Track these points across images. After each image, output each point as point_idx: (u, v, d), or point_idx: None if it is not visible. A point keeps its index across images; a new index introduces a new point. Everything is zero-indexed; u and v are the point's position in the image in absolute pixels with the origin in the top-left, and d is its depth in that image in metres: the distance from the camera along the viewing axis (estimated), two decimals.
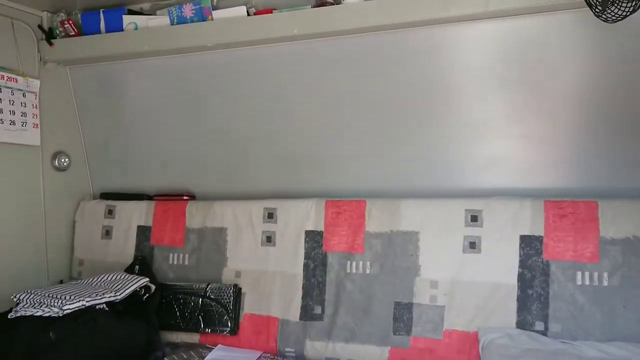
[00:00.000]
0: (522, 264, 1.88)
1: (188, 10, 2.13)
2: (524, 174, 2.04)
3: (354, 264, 2.07)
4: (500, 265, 1.90)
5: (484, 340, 1.82)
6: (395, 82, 2.04)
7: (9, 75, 2.23)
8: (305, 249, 2.14)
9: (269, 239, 2.20)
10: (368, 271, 2.05)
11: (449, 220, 1.98)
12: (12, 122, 2.23)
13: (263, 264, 2.19)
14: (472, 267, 1.93)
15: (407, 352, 1.94)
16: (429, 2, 1.81)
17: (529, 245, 1.88)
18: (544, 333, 1.83)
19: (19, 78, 2.27)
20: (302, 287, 2.12)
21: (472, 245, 1.94)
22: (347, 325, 2.03)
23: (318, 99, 2.16)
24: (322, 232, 2.13)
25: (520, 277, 1.88)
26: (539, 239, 1.88)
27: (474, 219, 1.95)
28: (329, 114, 2.17)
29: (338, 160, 2.23)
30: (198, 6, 2.11)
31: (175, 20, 2.16)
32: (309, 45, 2.06)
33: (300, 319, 2.09)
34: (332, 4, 1.96)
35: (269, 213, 2.22)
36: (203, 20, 2.12)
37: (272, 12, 2.04)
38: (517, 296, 1.87)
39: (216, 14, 2.11)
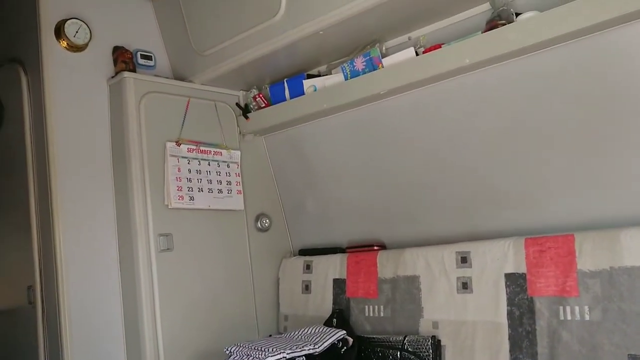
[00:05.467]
0: None
1: (359, 63, 2.19)
2: None
3: (568, 309, 1.77)
4: None
5: None
6: (597, 92, 1.77)
7: (216, 149, 2.53)
8: (507, 294, 1.91)
9: (465, 285, 2.03)
10: (587, 317, 1.73)
11: None
12: (220, 191, 2.51)
13: (461, 313, 2.02)
14: None
15: None
16: None
17: None
18: None
19: (223, 151, 2.56)
20: (509, 338, 1.88)
21: None
22: None
23: (497, 128, 1.99)
24: (525, 274, 1.89)
25: None
26: None
27: None
28: (511, 142, 1.98)
29: (532, 192, 1.99)
30: (368, 57, 2.16)
31: (349, 75, 2.23)
32: (482, 73, 1.93)
33: None
34: (504, 24, 1.82)
35: (462, 257, 2.06)
36: (374, 70, 2.15)
37: (440, 47, 1.98)
38: None
39: (386, 61, 2.12)
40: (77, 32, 2.29)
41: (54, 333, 2.20)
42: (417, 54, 2.05)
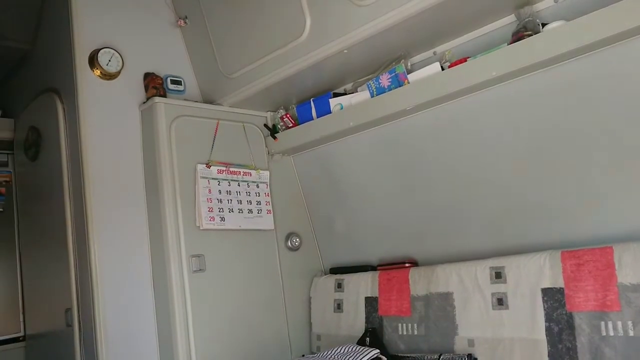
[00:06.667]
0: None
1: (385, 80, 2.19)
2: None
3: (609, 324, 1.71)
4: None
5: None
6: (627, 101, 1.72)
7: (245, 170, 2.56)
8: (544, 309, 1.86)
9: (500, 301, 1.98)
10: (631, 333, 1.67)
11: None
12: (250, 211, 2.53)
13: (497, 330, 1.97)
14: None
15: None
16: None
17: None
18: None
19: (252, 172, 2.58)
20: (549, 355, 1.82)
21: None
22: None
23: (526, 140, 1.96)
24: (563, 288, 1.83)
25: None
26: None
27: None
28: (541, 154, 1.94)
29: (565, 205, 1.94)
30: (393, 74, 2.16)
31: (375, 92, 2.24)
32: (508, 87, 1.91)
33: None
34: (530, 35, 1.81)
35: (496, 272, 2.02)
36: (400, 86, 2.15)
37: (466, 61, 1.97)
38: None
39: (411, 76, 2.12)
40: (109, 60, 2.36)
41: (91, 354, 2.23)
42: (442, 69, 2.04)
